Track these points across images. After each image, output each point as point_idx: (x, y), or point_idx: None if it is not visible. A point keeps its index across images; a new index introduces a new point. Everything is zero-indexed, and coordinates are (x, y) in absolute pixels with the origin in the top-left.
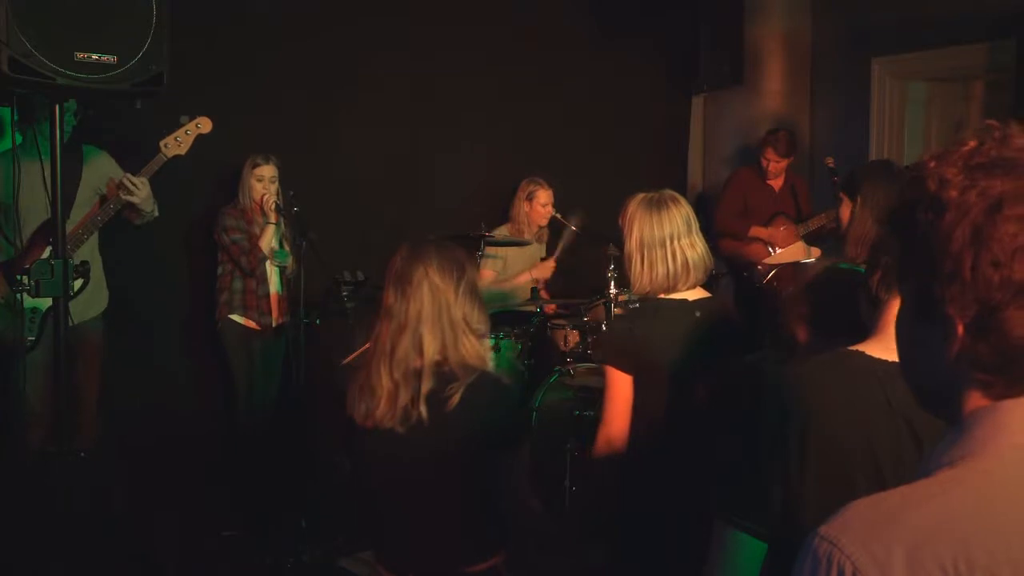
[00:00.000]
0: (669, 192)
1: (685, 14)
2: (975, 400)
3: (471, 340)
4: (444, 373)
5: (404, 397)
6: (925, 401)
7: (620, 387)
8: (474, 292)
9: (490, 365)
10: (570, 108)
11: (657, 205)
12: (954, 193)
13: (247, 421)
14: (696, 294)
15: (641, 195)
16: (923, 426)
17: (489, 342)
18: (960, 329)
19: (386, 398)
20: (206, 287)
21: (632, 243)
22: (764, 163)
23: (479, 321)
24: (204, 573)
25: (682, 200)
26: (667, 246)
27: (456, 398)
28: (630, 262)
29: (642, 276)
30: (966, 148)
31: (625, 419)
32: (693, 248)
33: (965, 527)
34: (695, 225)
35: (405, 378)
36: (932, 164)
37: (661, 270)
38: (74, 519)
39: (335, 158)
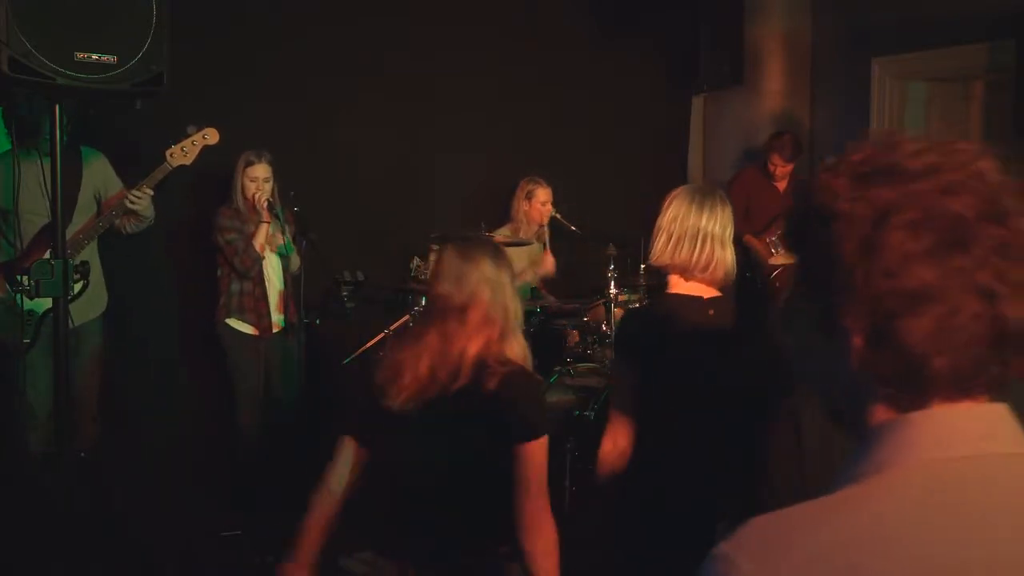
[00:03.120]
0: (721, 191)
1: (685, 14)
2: (881, 413)
3: (517, 336)
4: (481, 366)
5: (434, 387)
6: (834, 417)
7: (629, 385)
8: (516, 288)
9: (529, 363)
10: (570, 108)
11: (701, 196)
12: (843, 205)
13: (247, 422)
14: (710, 292)
15: (692, 185)
16: None
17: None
18: (858, 341)
19: (416, 385)
20: (204, 288)
21: (665, 218)
22: (771, 168)
23: (520, 316)
24: (204, 573)
25: (728, 204)
26: (698, 234)
27: (490, 390)
28: (657, 235)
29: (664, 251)
30: (855, 157)
31: (631, 421)
32: (723, 249)
33: (858, 552)
34: (730, 232)
35: (441, 368)
36: (823, 175)
37: (686, 253)
38: (74, 519)
39: (335, 158)
